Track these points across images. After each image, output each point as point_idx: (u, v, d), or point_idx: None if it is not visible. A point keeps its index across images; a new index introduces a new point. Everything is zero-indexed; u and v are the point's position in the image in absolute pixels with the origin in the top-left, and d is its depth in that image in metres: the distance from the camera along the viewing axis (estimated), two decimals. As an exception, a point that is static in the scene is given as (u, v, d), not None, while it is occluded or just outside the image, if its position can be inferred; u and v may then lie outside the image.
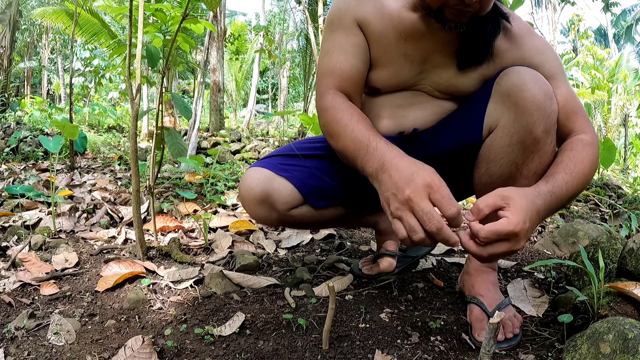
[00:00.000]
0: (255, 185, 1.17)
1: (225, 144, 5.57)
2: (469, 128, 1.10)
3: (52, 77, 19.50)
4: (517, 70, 1.01)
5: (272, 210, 1.19)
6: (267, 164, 1.22)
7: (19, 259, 1.44)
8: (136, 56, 1.48)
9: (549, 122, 0.99)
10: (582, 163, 0.96)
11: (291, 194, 1.19)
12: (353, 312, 1.15)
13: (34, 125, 6.39)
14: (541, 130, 0.98)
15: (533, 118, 0.98)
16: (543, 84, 0.99)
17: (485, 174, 1.08)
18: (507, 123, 1.01)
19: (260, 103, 23.19)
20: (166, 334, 1.03)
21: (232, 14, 22.09)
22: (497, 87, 1.04)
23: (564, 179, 0.93)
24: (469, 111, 1.12)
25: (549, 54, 1.10)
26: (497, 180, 1.06)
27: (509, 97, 1.00)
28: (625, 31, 24.06)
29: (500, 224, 0.78)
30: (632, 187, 3.29)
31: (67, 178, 2.94)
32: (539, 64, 1.08)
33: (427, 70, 1.14)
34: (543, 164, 1.01)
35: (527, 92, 0.98)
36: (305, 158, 1.25)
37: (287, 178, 1.19)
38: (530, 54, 1.09)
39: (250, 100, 11.52)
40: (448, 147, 1.15)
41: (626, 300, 0.98)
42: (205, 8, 4.87)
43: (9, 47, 8.32)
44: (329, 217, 1.30)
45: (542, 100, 0.97)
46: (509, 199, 0.80)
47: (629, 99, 9.93)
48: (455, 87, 1.14)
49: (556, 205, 0.91)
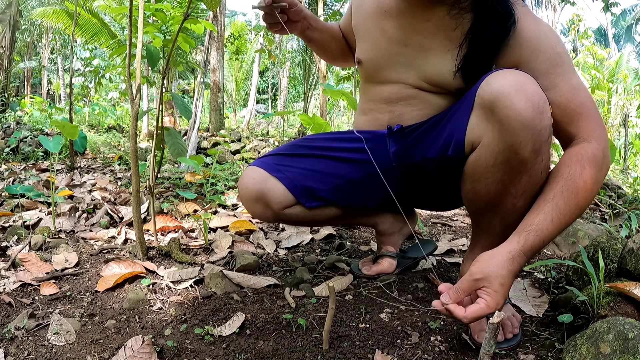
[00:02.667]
0: (250, 184, 1.22)
1: (225, 144, 5.57)
2: (450, 143, 1.03)
3: (52, 77, 19.50)
4: (501, 77, 0.90)
5: (267, 209, 1.23)
6: (263, 163, 1.24)
7: (19, 259, 1.44)
8: (136, 56, 1.48)
9: (538, 140, 0.88)
10: (577, 195, 0.86)
11: (283, 194, 1.21)
12: (353, 312, 1.14)
13: (34, 125, 6.39)
14: (529, 151, 0.89)
15: (519, 139, 0.88)
16: (531, 95, 0.87)
17: (471, 192, 1.03)
18: (491, 142, 0.93)
19: (260, 103, 23.19)
20: (166, 334, 1.03)
21: (232, 14, 22.10)
22: (478, 99, 0.94)
23: (552, 219, 0.86)
24: (450, 122, 1.05)
25: (548, 40, 0.98)
26: (484, 198, 1.00)
27: (492, 113, 0.90)
28: (625, 31, 24.06)
29: (480, 308, 0.83)
30: (632, 187, 3.29)
31: (67, 178, 2.94)
32: (537, 52, 0.97)
33: (411, 55, 1.10)
34: (533, 183, 0.94)
35: (511, 109, 0.87)
36: (301, 157, 1.25)
37: (280, 179, 1.21)
38: (526, 41, 0.98)
39: (250, 100, 11.51)
40: (433, 157, 1.11)
41: (626, 300, 0.98)
42: (205, 8, 4.87)
43: (9, 47, 8.32)
44: (325, 217, 1.30)
45: (530, 117, 0.86)
46: (484, 280, 0.84)
47: (629, 99, 9.93)
48: (442, 76, 1.08)
49: (540, 248, 0.87)
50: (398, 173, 1.21)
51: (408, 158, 1.18)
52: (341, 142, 1.26)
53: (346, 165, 1.23)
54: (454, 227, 2.15)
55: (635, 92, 10.16)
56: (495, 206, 1.02)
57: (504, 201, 0.99)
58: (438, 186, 1.19)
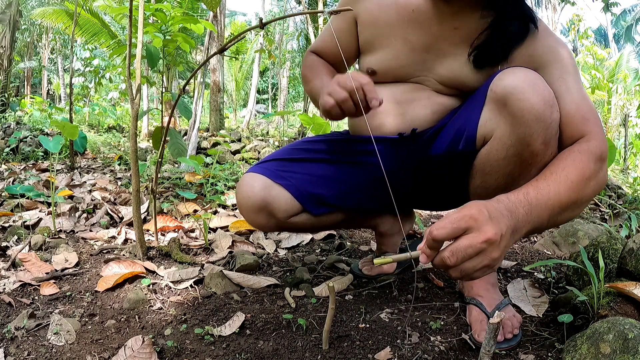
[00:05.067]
0: (252, 194, 1.13)
1: (225, 144, 5.57)
2: (461, 137, 1.04)
3: (52, 77, 19.51)
4: (512, 74, 0.93)
5: (270, 218, 1.16)
6: (264, 169, 1.17)
7: (19, 259, 1.44)
8: (136, 56, 1.48)
9: (548, 133, 0.91)
10: (565, 169, 0.85)
11: (290, 202, 1.15)
12: (353, 312, 1.14)
13: (34, 125, 6.39)
14: (540, 142, 0.91)
15: (531, 130, 0.90)
16: (542, 90, 0.90)
17: (480, 186, 1.05)
18: (503, 135, 0.95)
19: (260, 103, 23.19)
20: (166, 334, 1.03)
21: (232, 14, 22.11)
22: (491, 94, 0.96)
23: (545, 185, 0.82)
24: (461, 118, 1.07)
25: (560, 52, 1.01)
26: (493, 192, 0.98)
27: (505, 106, 0.92)
28: (625, 31, 24.06)
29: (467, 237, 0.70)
30: (632, 187, 3.29)
31: (67, 178, 2.93)
32: (549, 63, 1.00)
33: (431, 60, 1.10)
34: None
35: (524, 102, 0.89)
36: (303, 162, 1.21)
37: (285, 186, 1.14)
38: (540, 52, 1.02)
39: (250, 100, 11.52)
40: (441, 153, 1.11)
41: (626, 300, 0.98)
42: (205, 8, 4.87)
43: (9, 47, 8.32)
44: (330, 223, 1.28)
45: (542, 110, 0.89)
46: (474, 220, 0.70)
47: (629, 99, 9.93)
48: (461, 81, 1.09)
49: (540, 215, 0.79)
50: (404, 174, 1.20)
51: (416, 158, 1.17)
52: (343, 145, 1.24)
53: (351, 169, 1.21)
54: (454, 227, 2.15)
55: (635, 92, 10.15)
56: None
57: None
58: (443, 185, 1.19)
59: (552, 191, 0.81)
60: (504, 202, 0.76)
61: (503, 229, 0.71)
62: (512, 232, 0.74)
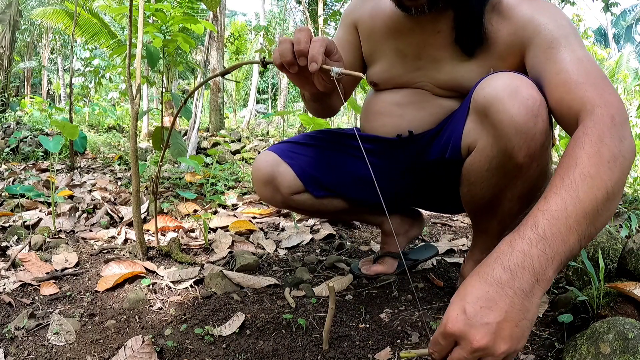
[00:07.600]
0: (262, 167, 1.25)
1: (225, 144, 5.57)
2: (448, 145, 1.04)
3: (52, 77, 19.51)
4: (495, 81, 0.88)
5: (276, 192, 1.26)
6: (277, 149, 1.28)
7: (19, 259, 1.44)
8: (136, 56, 1.48)
9: (533, 145, 0.86)
10: (577, 165, 0.67)
11: (293, 180, 1.24)
12: (353, 312, 1.15)
13: (34, 125, 6.39)
14: (523, 155, 0.87)
15: (512, 143, 0.86)
16: (525, 98, 0.83)
17: (467, 194, 1.05)
18: (486, 146, 0.93)
19: (260, 103, 23.20)
20: (166, 334, 1.03)
21: (232, 14, 22.12)
22: (473, 103, 0.93)
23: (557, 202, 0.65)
24: (450, 125, 1.06)
25: (545, 18, 0.91)
26: (480, 202, 1.02)
27: (486, 117, 0.89)
28: (625, 31, 24.07)
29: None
30: (632, 187, 3.28)
31: (67, 178, 2.94)
32: (530, 39, 0.91)
33: (425, 67, 1.11)
34: (528, 188, 0.94)
35: (503, 114, 0.85)
36: (312, 147, 1.28)
37: (290, 165, 1.24)
38: (521, 25, 0.93)
39: (250, 100, 11.52)
40: (432, 159, 1.12)
41: (626, 300, 0.98)
42: (205, 8, 4.88)
43: (9, 47, 8.32)
44: (332, 208, 1.32)
45: (523, 121, 0.84)
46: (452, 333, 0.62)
47: (629, 99, 9.93)
48: (457, 81, 1.08)
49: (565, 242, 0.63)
50: (402, 176, 1.22)
51: (414, 161, 1.18)
52: (346, 139, 1.28)
53: (350, 162, 1.26)
54: (454, 227, 2.15)
55: (635, 92, 10.15)
56: (492, 209, 1.04)
57: (500, 205, 1.00)
58: (441, 187, 1.20)
59: (570, 204, 0.64)
60: (500, 265, 0.63)
61: (498, 318, 0.60)
62: (522, 297, 0.61)
